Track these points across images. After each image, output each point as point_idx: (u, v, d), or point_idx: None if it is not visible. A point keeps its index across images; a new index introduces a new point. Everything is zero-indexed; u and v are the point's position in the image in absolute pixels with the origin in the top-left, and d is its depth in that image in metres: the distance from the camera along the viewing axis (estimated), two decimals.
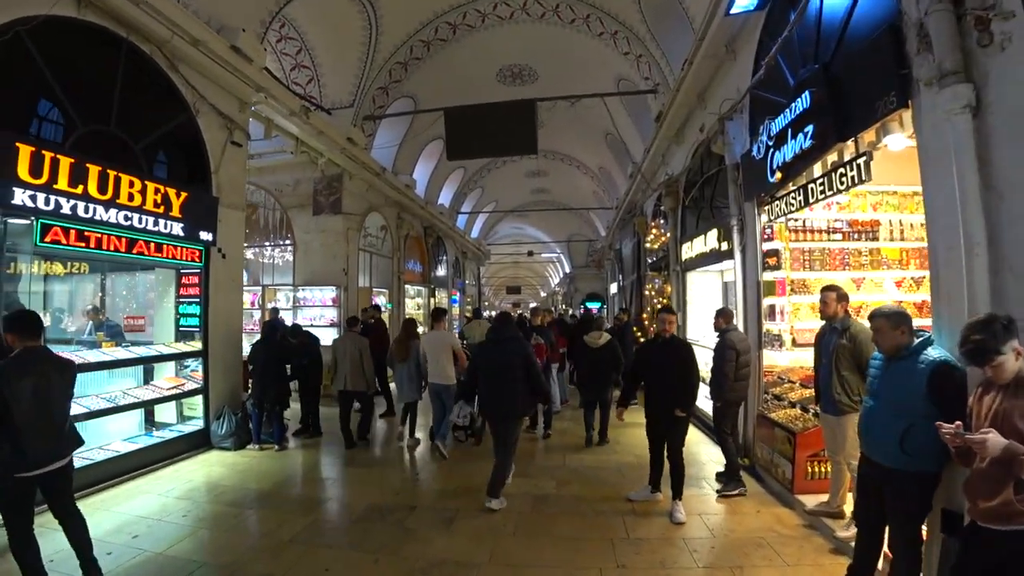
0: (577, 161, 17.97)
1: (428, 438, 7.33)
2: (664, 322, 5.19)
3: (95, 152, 5.90)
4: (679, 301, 9.31)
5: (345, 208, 10.65)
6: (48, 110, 5.71)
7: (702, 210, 8.31)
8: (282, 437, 7.22)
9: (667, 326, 5.17)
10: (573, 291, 30.84)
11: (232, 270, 7.74)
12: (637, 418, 8.85)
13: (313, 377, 7.91)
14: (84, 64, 5.93)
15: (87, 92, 5.98)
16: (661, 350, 5.14)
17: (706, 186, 8.06)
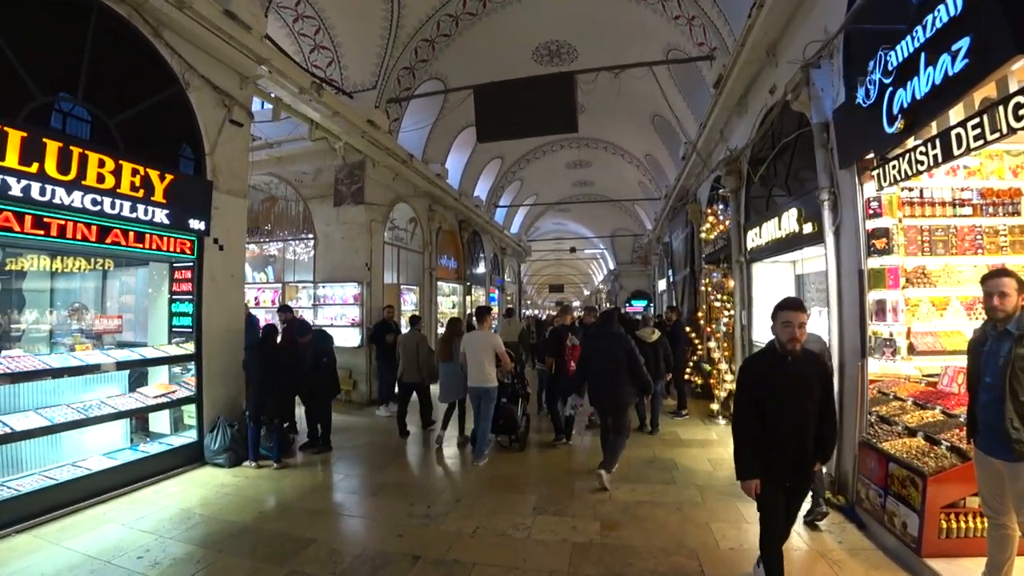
0: (621, 149, 16.41)
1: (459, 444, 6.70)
2: (791, 326, 3.05)
3: (59, 127, 5.02)
4: (743, 297, 7.73)
5: (368, 198, 9.61)
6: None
7: (774, 188, 6.73)
8: (282, 453, 6.19)
9: (798, 334, 3.05)
10: (618, 289, 29.09)
11: (231, 264, 6.77)
12: (693, 434, 7.54)
13: (323, 382, 6.83)
14: (43, 25, 5.02)
15: (47, 58, 5.10)
16: (790, 373, 3.07)
17: (780, 159, 6.48)
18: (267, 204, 10.67)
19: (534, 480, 5.57)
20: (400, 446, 7.11)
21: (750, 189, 7.65)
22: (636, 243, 25.53)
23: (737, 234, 7.87)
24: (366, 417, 8.61)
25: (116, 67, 5.59)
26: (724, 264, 8.81)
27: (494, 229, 17.77)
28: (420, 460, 6.49)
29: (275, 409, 6.06)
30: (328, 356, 6.78)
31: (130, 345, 6.31)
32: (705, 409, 8.68)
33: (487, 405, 6.42)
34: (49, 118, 5.07)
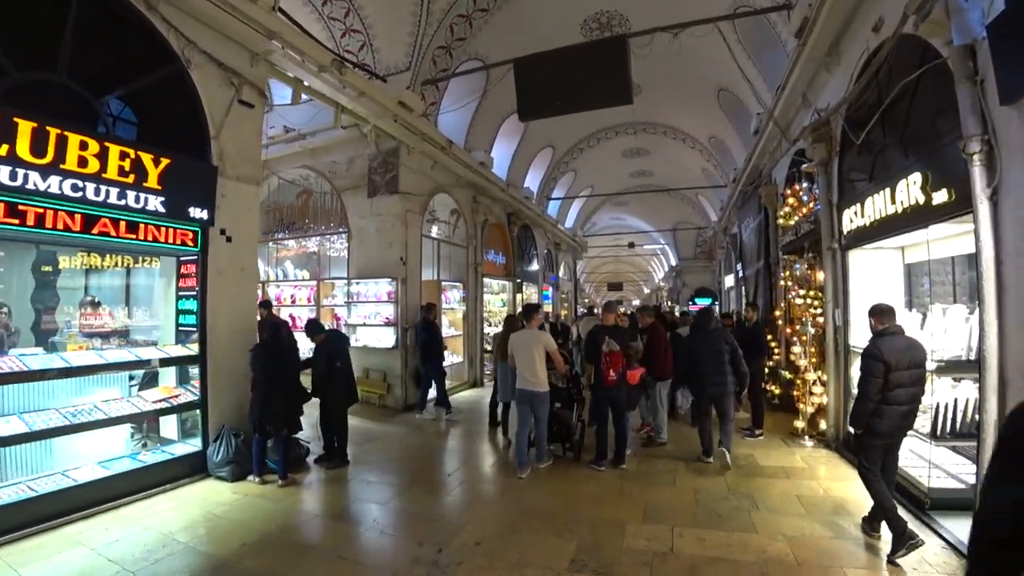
0: (682, 133, 14.74)
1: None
2: None
3: (35, 107, 4.41)
4: (837, 292, 6.17)
5: (403, 187, 8.76)
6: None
7: (883, 152, 5.17)
8: (287, 468, 5.38)
9: None
10: (680, 286, 27.04)
11: (242, 257, 6.06)
12: (774, 459, 5.92)
13: (338, 388, 5.96)
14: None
15: (23, 32, 4.52)
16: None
17: (892, 112, 4.93)
18: (303, 198, 10.10)
19: (576, 518, 4.39)
20: (429, 463, 6.15)
21: (845, 158, 6.07)
22: (699, 237, 23.48)
23: (828, 216, 6.30)
24: (399, 425, 7.72)
25: (104, 43, 4.96)
26: (810, 253, 7.21)
27: (546, 223, 16.56)
28: (447, 482, 5.47)
29: (281, 418, 5.25)
30: (343, 359, 5.91)
31: (147, 345, 5.75)
32: (785, 425, 7.14)
33: (540, 410, 5.67)
34: (29, 97, 4.47)
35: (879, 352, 3.66)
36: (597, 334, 5.69)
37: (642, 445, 6.47)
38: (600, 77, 7.25)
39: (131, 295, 6.24)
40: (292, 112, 9.69)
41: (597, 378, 5.58)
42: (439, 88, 9.66)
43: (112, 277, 6.16)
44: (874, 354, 3.68)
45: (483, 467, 5.87)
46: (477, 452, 6.56)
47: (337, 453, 5.93)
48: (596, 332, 5.75)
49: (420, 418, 8.06)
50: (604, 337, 5.58)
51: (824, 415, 6.52)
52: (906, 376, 3.63)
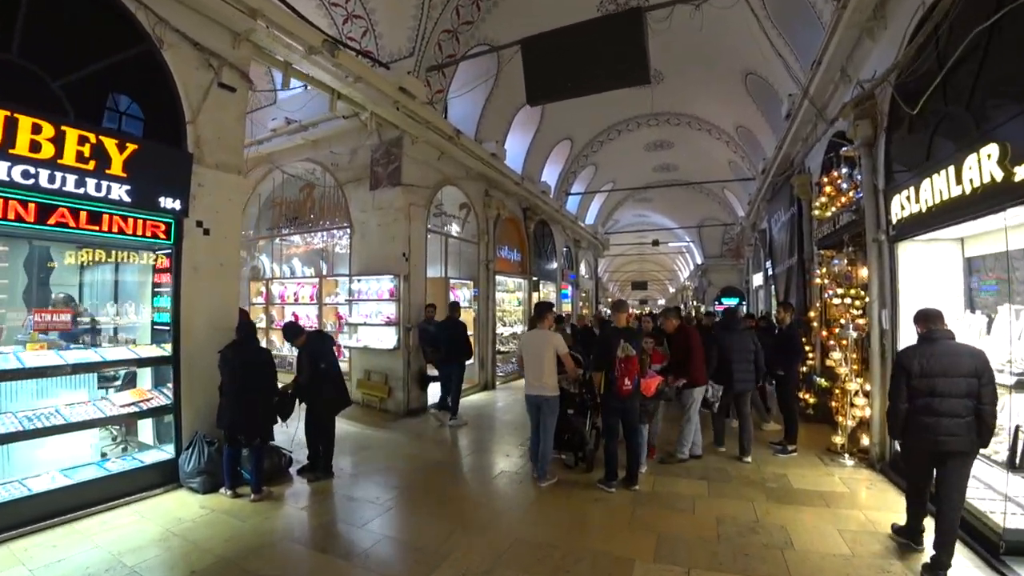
0: (708, 123, 13.82)
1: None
2: None
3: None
4: (884, 290, 5.33)
5: (407, 179, 8.21)
6: None
7: (944, 124, 4.33)
8: (260, 481, 4.85)
9: None
10: (706, 285, 25.89)
11: (222, 251, 5.58)
12: (810, 480, 5.08)
13: (325, 391, 5.36)
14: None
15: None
16: None
17: (957, 76, 4.11)
18: (306, 192, 9.67)
19: (575, 553, 3.71)
20: (422, 476, 5.57)
21: (893, 137, 5.23)
22: (726, 234, 22.36)
23: (873, 204, 5.47)
24: (398, 432, 7.17)
25: (64, 20, 4.52)
26: (850, 247, 6.36)
27: (565, 219, 15.82)
28: (438, 500, 4.87)
29: (251, 426, 4.74)
30: (327, 360, 5.35)
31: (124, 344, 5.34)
32: (820, 440, 6.33)
33: (548, 418, 5.16)
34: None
35: (900, 357, 3.62)
36: (610, 337, 4.99)
37: (660, 461, 5.74)
38: (615, 55, 6.55)
39: (107, 292, 5.86)
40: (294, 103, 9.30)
41: (608, 387, 4.89)
42: (445, 75, 9.08)
43: (92, 273, 5.79)
44: (896, 359, 3.66)
45: (482, 483, 5.25)
46: (478, 465, 5.94)
47: (321, 463, 5.41)
48: (609, 335, 5.05)
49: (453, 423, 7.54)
50: (619, 340, 4.90)
51: (867, 430, 5.69)
52: (941, 385, 3.34)
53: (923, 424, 3.36)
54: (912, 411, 3.43)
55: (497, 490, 4.99)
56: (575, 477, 5.31)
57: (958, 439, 3.29)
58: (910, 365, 3.46)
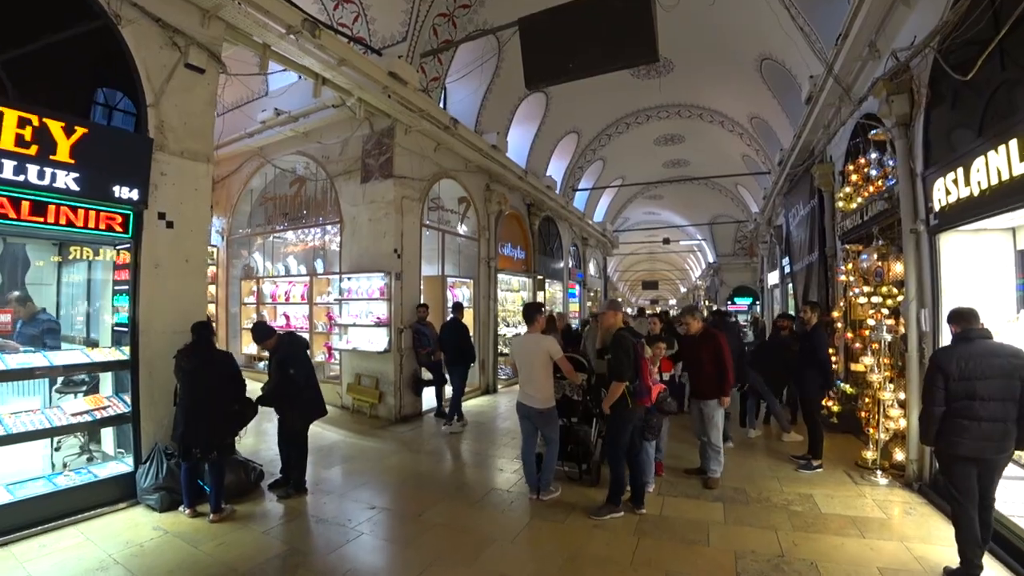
0: (720, 114, 13.13)
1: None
2: None
3: None
4: (923, 287, 4.68)
5: (399, 170, 7.69)
6: None
7: (1000, 93, 3.70)
8: (219, 499, 4.34)
9: None
10: (718, 285, 25.09)
11: (188, 246, 5.08)
12: (838, 503, 4.40)
13: (294, 400, 4.83)
14: None
15: None
16: None
17: (1017, 36, 3.48)
18: (296, 186, 9.19)
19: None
20: (404, 492, 5.04)
21: (933, 114, 4.59)
22: (739, 231, 21.60)
23: (910, 189, 4.83)
24: (387, 441, 6.64)
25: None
26: (880, 241, 5.71)
27: (572, 215, 15.20)
28: (417, 524, 4.33)
29: (207, 439, 4.24)
30: (298, 365, 4.82)
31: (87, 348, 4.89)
32: (847, 453, 5.70)
33: (548, 430, 4.70)
34: None
35: (938, 358, 3.35)
36: (630, 342, 4.21)
37: (705, 486, 4.89)
38: (619, 31, 5.98)
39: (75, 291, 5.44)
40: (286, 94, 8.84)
41: (628, 398, 4.23)
42: (441, 62, 8.55)
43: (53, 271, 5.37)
44: (933, 360, 3.40)
45: (470, 503, 4.68)
46: (469, 480, 5.37)
47: (294, 479, 4.90)
48: (626, 339, 4.19)
49: (447, 429, 7.14)
50: (641, 344, 4.33)
51: (902, 445, 5.04)
52: (981, 388, 3.14)
53: (960, 428, 3.17)
54: (948, 415, 3.23)
55: (486, 512, 4.43)
56: (576, 494, 4.74)
57: (996, 444, 3.14)
58: (948, 367, 3.22)
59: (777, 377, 6.57)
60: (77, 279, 5.47)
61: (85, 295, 5.45)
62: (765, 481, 4.98)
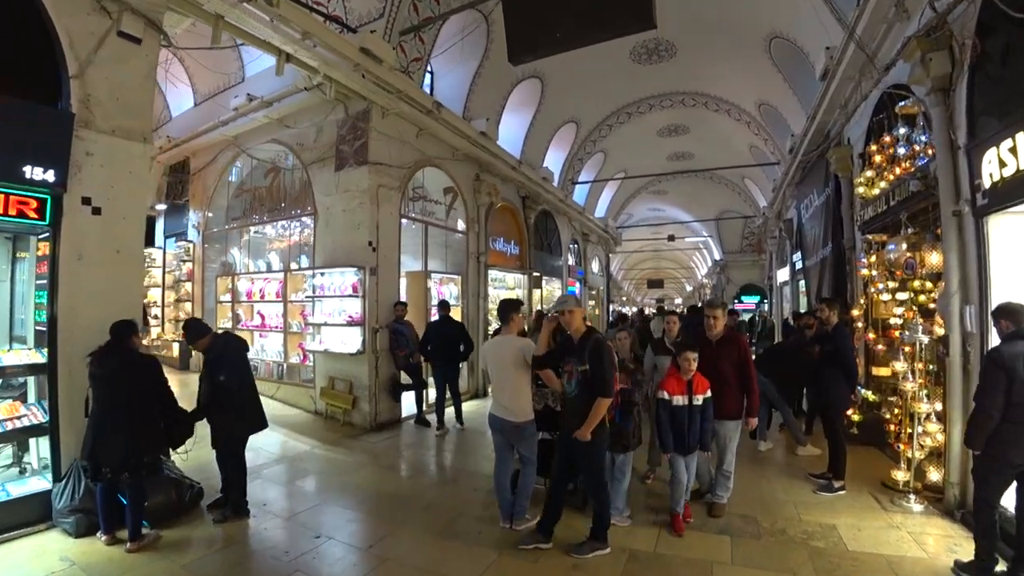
0: (726, 102, 12.35)
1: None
2: None
3: None
4: (969, 280, 3.93)
5: (375, 156, 7.02)
6: None
7: None
8: (137, 525, 3.68)
9: None
10: (724, 283, 24.24)
11: (120, 235, 4.46)
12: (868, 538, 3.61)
13: (226, 410, 4.11)
14: None
15: None
16: None
17: None
18: (271, 176, 8.55)
19: None
20: (357, 516, 4.37)
21: (979, 73, 3.85)
22: (746, 227, 20.75)
23: (951, 165, 4.08)
24: (356, 452, 5.95)
25: None
26: (909, 228, 4.95)
27: (571, 209, 14.44)
28: (362, 558, 3.67)
29: (117, 457, 3.58)
30: (231, 371, 4.12)
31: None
32: (871, 470, 4.97)
33: (524, 447, 3.95)
34: None
35: (1001, 356, 3.04)
36: (609, 348, 3.53)
37: (710, 515, 4.12)
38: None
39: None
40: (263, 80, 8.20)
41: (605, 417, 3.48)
42: (423, 41, 7.86)
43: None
44: (994, 358, 3.09)
45: (433, 532, 3.95)
46: (436, 502, 4.59)
47: (233, 499, 4.23)
48: (607, 345, 3.51)
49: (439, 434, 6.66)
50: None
51: (940, 464, 4.30)
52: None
53: (1016, 435, 2.94)
54: (1005, 421, 2.97)
55: (449, 544, 3.74)
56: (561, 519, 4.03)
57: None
58: (1015, 367, 2.93)
59: (792, 383, 5.81)
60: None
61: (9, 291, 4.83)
62: (779, 507, 4.26)
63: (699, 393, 3.90)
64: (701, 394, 3.90)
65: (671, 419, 3.87)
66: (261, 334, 8.68)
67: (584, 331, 3.51)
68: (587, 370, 3.35)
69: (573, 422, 3.43)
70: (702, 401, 3.90)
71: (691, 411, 3.86)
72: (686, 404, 3.87)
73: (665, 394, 3.90)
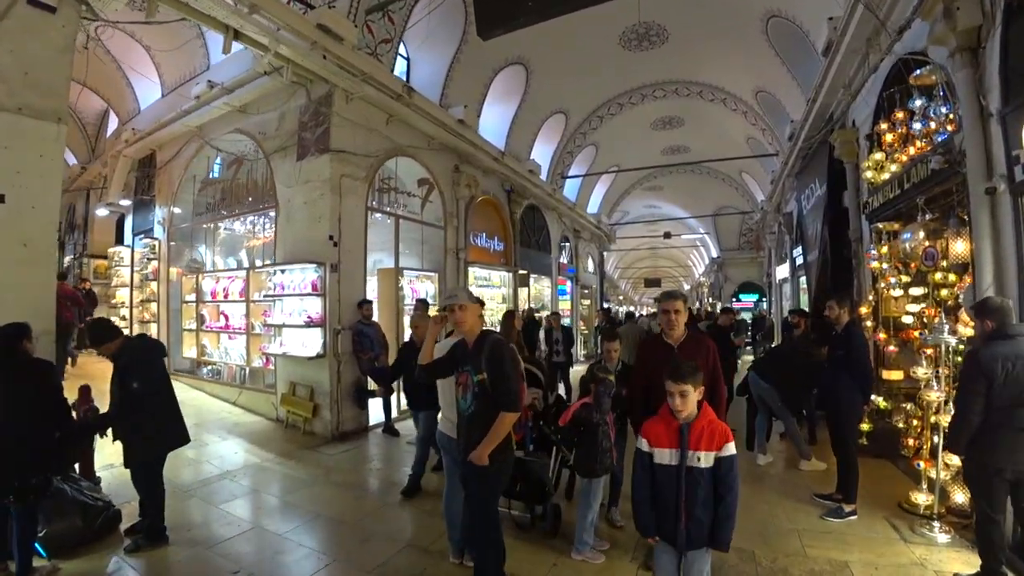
0: (722, 91, 11.67)
1: None
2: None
3: None
4: (1005, 269, 3.28)
5: (337, 144, 6.38)
6: None
7: None
8: (22, 552, 3.03)
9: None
10: (722, 281, 23.58)
11: (27, 227, 3.86)
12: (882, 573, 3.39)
13: (138, 426, 3.47)
14: None
15: None
16: None
17: None
18: (234, 169, 7.92)
19: None
20: (291, 551, 3.73)
21: (1015, 27, 3.20)
22: (744, 224, 20.08)
23: (980, 135, 3.43)
24: (311, 465, 5.30)
25: None
26: (927, 214, 4.29)
27: (561, 204, 13.74)
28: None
29: (14, 479, 2.96)
30: (142, 378, 3.48)
31: None
32: (884, 486, 4.32)
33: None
34: None
35: (982, 357, 2.87)
36: (514, 351, 2.93)
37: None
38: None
39: None
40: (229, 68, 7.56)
41: (511, 438, 2.79)
42: (393, 21, 7.22)
43: None
44: (973, 360, 2.94)
45: (367, 568, 3.32)
46: (381, 529, 3.89)
47: (149, 524, 3.60)
48: (509, 348, 2.84)
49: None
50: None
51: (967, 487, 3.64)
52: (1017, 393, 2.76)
53: (999, 440, 2.82)
54: (986, 424, 2.85)
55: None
56: (521, 553, 3.40)
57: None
58: (994, 369, 2.81)
59: (795, 390, 5.15)
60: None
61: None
62: (781, 539, 3.60)
63: (703, 448, 2.27)
64: (706, 450, 2.27)
65: (651, 485, 2.34)
66: (231, 336, 8.05)
67: (479, 333, 2.78)
68: (484, 380, 2.61)
69: (469, 444, 2.67)
70: (710, 461, 2.27)
71: (688, 477, 2.26)
72: (676, 464, 2.28)
73: (644, 444, 2.37)
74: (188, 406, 7.62)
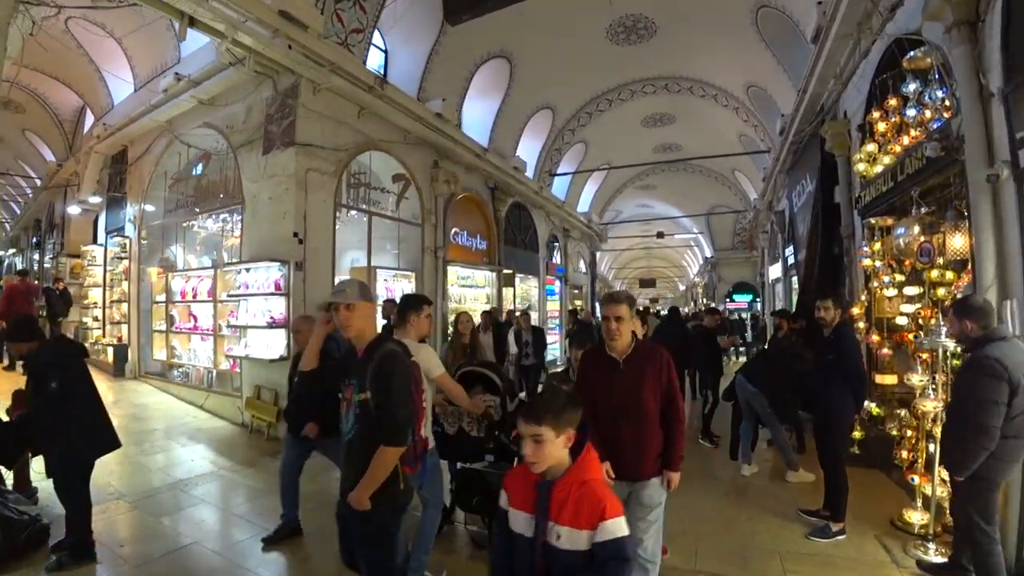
0: (713, 87, 11.32)
1: None
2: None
3: None
4: (1010, 264, 2.94)
5: (303, 137, 6.03)
6: None
7: None
8: None
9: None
10: (716, 281, 23.24)
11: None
12: None
13: (60, 433, 3.11)
14: None
15: None
16: None
17: None
18: (203, 163, 7.56)
19: None
20: (225, 564, 3.38)
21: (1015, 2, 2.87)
22: (738, 223, 19.74)
23: (980, 117, 3.09)
24: (263, 472, 4.99)
25: None
26: (922, 207, 3.96)
27: (549, 203, 13.33)
28: None
29: None
30: (63, 379, 3.10)
31: None
32: (876, 501, 3.98)
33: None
34: None
35: (999, 360, 2.48)
36: (408, 364, 2.22)
37: None
38: None
39: None
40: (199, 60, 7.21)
41: (400, 474, 2.10)
42: (365, 10, 6.86)
43: None
44: (988, 364, 2.50)
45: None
46: (323, 549, 3.56)
47: (76, 541, 3.25)
48: (403, 359, 2.17)
49: None
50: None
51: None
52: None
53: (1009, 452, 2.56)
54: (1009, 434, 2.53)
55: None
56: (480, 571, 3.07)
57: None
58: (1015, 373, 2.47)
59: (783, 395, 4.78)
60: None
61: None
62: (762, 561, 3.25)
63: (565, 521, 1.55)
64: (570, 525, 1.55)
65: (508, 556, 1.68)
66: (203, 337, 7.69)
67: (373, 339, 2.19)
68: (367, 400, 2.06)
69: (348, 481, 2.12)
70: (578, 543, 1.54)
71: (548, 557, 1.56)
72: (531, 536, 1.61)
73: (504, 498, 1.74)
74: (155, 410, 7.40)
